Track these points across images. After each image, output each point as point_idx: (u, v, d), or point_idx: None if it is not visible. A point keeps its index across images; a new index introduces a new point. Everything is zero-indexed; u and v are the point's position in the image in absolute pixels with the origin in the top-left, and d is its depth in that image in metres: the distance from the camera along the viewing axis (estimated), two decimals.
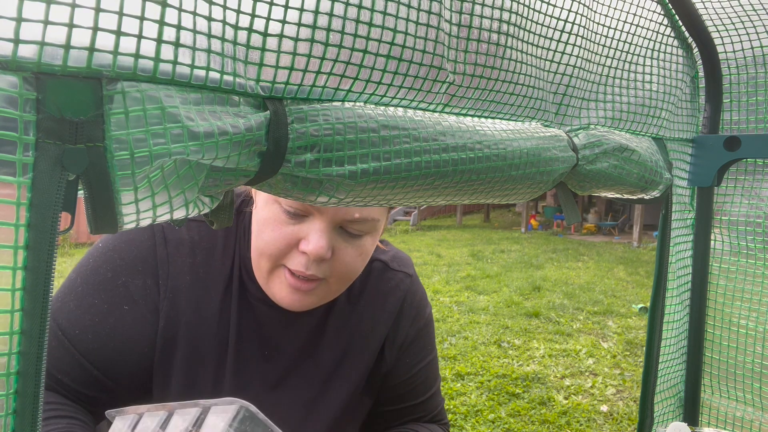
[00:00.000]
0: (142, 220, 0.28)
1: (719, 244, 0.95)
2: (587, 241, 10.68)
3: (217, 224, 0.36)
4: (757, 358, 0.92)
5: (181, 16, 0.27)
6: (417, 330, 0.84)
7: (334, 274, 0.67)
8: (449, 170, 0.40)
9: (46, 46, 0.23)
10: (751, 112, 0.89)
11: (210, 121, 0.28)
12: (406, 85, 0.39)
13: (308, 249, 0.63)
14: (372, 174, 0.36)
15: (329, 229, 0.65)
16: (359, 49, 0.35)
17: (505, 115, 0.49)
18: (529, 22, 0.51)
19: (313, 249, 0.63)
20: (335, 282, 0.69)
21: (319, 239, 0.63)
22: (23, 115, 0.23)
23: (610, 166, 0.59)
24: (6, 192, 0.23)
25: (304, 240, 0.64)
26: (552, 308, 5.21)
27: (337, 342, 0.78)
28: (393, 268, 0.84)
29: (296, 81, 0.33)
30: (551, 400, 3.22)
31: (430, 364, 0.87)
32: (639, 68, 0.68)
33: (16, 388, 0.23)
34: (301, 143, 0.33)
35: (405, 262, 0.87)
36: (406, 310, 0.83)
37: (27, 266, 0.23)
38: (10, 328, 0.23)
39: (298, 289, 0.67)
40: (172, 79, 0.27)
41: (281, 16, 0.31)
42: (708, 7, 0.82)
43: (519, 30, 0.50)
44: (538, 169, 0.49)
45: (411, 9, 0.37)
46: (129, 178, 0.25)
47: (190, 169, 0.28)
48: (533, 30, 0.52)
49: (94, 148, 0.24)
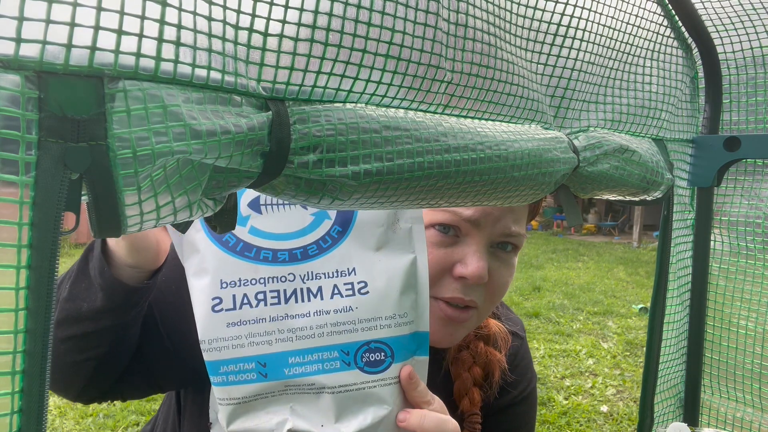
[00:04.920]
0: (146, 222, 0.28)
1: (719, 245, 0.95)
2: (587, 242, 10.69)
3: (220, 228, 0.36)
4: (756, 358, 0.92)
5: (182, 15, 0.27)
6: (515, 398, 0.76)
7: (486, 299, 0.63)
8: (452, 171, 0.40)
9: (48, 45, 0.23)
10: (750, 112, 0.89)
11: (212, 120, 0.28)
12: (405, 84, 0.39)
13: (467, 272, 0.59)
14: (375, 175, 0.36)
15: (486, 248, 0.61)
16: (358, 49, 0.35)
17: (505, 117, 0.49)
18: (529, 20, 0.51)
19: (474, 270, 0.59)
20: (485, 309, 0.64)
21: (479, 260, 0.59)
22: (26, 113, 0.23)
23: (612, 168, 0.59)
24: (9, 191, 0.23)
25: (459, 264, 0.60)
26: (552, 308, 5.21)
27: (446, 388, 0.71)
28: (502, 322, 0.78)
29: (297, 81, 0.33)
30: (551, 401, 3.22)
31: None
32: (639, 69, 0.68)
33: (21, 386, 0.23)
34: (304, 144, 0.33)
35: (516, 322, 0.82)
36: (510, 372, 0.75)
37: (31, 265, 0.23)
38: (14, 327, 0.23)
39: (454, 321, 0.62)
40: (174, 78, 0.27)
41: (281, 16, 0.31)
42: (708, 7, 0.83)
43: (517, 28, 0.50)
44: (540, 170, 0.49)
45: (409, 8, 0.37)
46: (132, 177, 0.25)
47: (192, 169, 0.28)
48: (533, 27, 0.52)
49: (97, 146, 0.24)
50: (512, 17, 0.49)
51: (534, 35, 0.53)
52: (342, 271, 0.52)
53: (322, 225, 0.53)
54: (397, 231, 0.55)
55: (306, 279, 0.51)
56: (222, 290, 0.50)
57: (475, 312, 0.63)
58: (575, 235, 12.05)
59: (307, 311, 0.50)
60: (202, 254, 0.51)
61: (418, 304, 0.55)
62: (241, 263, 0.51)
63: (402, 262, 0.54)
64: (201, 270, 0.51)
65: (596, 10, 0.58)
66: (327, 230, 0.53)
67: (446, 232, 0.61)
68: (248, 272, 0.51)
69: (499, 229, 0.61)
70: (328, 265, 0.52)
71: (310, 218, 0.53)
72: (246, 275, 0.50)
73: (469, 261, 0.60)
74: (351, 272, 0.52)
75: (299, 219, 0.53)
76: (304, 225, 0.53)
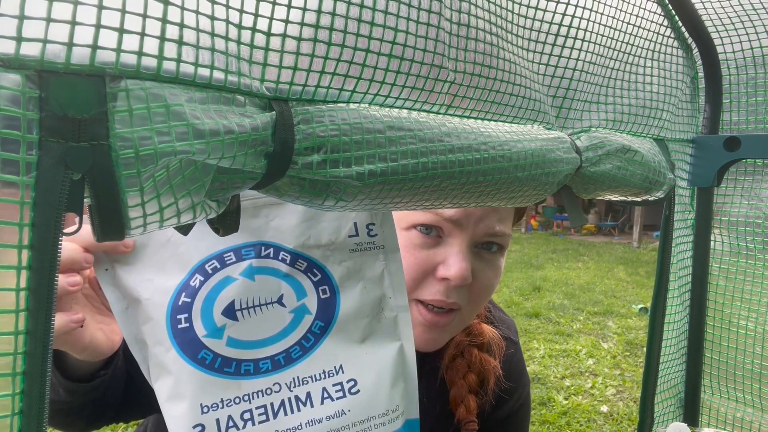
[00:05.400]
0: (149, 224, 0.27)
1: (719, 245, 0.95)
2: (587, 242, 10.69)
3: (223, 231, 0.35)
4: (756, 358, 0.92)
5: (184, 14, 0.27)
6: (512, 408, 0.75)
7: (471, 301, 0.62)
8: (455, 171, 0.40)
9: (49, 44, 0.23)
10: (750, 112, 0.89)
11: (216, 120, 0.28)
12: (408, 84, 0.39)
13: (449, 273, 0.58)
14: (379, 175, 0.35)
15: (469, 249, 0.60)
16: (362, 49, 0.35)
17: (508, 117, 0.49)
18: (530, 20, 0.51)
19: (456, 272, 0.58)
20: (468, 311, 0.63)
21: (461, 260, 0.58)
22: (26, 113, 0.23)
23: (614, 168, 0.59)
24: (9, 191, 0.22)
25: (442, 265, 0.59)
26: (552, 308, 5.21)
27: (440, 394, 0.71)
28: (496, 326, 0.77)
29: (300, 81, 0.33)
30: (551, 401, 3.22)
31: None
32: (639, 69, 0.68)
33: (22, 388, 0.23)
34: (308, 144, 0.33)
35: (510, 326, 0.81)
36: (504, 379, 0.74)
37: (32, 266, 0.23)
38: (15, 328, 0.22)
39: (435, 326, 0.61)
40: (176, 77, 0.27)
41: (284, 16, 0.31)
42: (708, 7, 0.82)
43: (519, 28, 0.50)
44: (543, 170, 0.49)
45: (411, 8, 0.37)
46: (135, 177, 0.25)
47: (196, 170, 0.28)
48: (534, 27, 0.52)
49: (98, 146, 0.24)
50: (514, 17, 0.49)
51: (536, 35, 0.52)
52: (329, 371, 0.49)
53: (303, 321, 0.50)
54: (383, 320, 0.52)
55: (293, 386, 0.48)
56: (203, 416, 0.45)
57: (458, 314, 0.62)
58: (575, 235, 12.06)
59: (298, 423, 0.47)
60: (175, 377, 0.46)
61: (408, 392, 0.53)
62: (221, 381, 0.46)
63: (389, 352, 0.52)
64: (176, 395, 0.45)
65: (597, 10, 0.58)
66: (308, 327, 0.50)
67: (428, 233, 0.60)
68: (231, 390, 0.46)
69: (483, 228, 0.60)
70: (313, 367, 0.49)
71: (289, 315, 0.49)
72: (228, 394, 0.46)
73: (452, 262, 0.58)
74: (339, 371, 0.49)
75: (278, 318, 0.49)
76: (285, 325, 0.49)
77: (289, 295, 0.49)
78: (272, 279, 0.49)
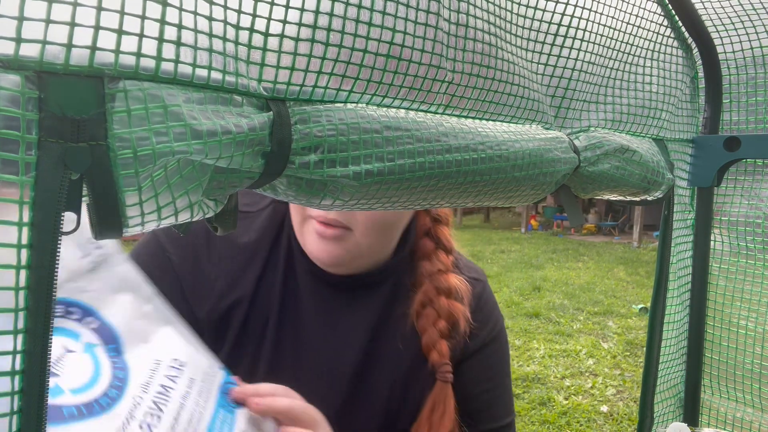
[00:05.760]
0: (147, 223, 0.28)
1: (719, 245, 0.95)
2: (587, 242, 10.69)
3: (221, 229, 0.36)
4: (756, 358, 0.92)
5: (182, 15, 0.27)
6: (484, 340, 0.77)
7: (359, 224, 0.66)
8: (453, 171, 0.40)
9: (48, 44, 0.23)
10: (750, 112, 0.89)
11: (213, 120, 0.28)
12: (406, 84, 0.39)
13: (314, 213, 0.63)
14: (376, 175, 0.36)
15: None
16: (359, 49, 0.35)
17: (506, 117, 0.49)
18: (529, 20, 0.51)
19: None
20: (361, 234, 0.67)
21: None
22: (26, 113, 0.23)
23: (612, 167, 0.59)
24: (9, 191, 0.23)
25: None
26: (552, 308, 5.21)
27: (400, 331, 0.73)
28: (462, 272, 0.79)
29: (298, 81, 0.33)
30: (551, 401, 3.22)
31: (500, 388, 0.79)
32: (639, 69, 0.68)
33: (21, 386, 0.23)
34: (305, 144, 0.33)
35: (475, 269, 0.83)
36: (475, 315, 0.76)
37: (31, 265, 0.23)
38: (14, 327, 0.23)
39: (324, 236, 0.66)
40: (174, 78, 0.27)
41: (282, 16, 0.31)
42: (708, 7, 0.82)
43: (518, 28, 0.50)
44: (541, 170, 0.49)
45: (410, 9, 0.37)
46: (133, 177, 0.25)
47: (193, 169, 0.28)
48: (533, 27, 0.52)
49: (97, 146, 0.24)
50: (513, 17, 0.49)
51: (534, 35, 0.53)
52: (154, 368, 0.50)
53: (97, 353, 0.49)
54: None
55: (143, 401, 0.47)
56: None
57: (349, 234, 0.66)
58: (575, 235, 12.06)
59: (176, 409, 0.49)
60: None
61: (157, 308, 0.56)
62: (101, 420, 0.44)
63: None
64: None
65: (596, 10, 0.58)
66: (107, 354, 0.49)
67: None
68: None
69: None
70: (141, 376, 0.49)
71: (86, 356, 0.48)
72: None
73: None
74: (159, 363, 0.52)
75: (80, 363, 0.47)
76: (91, 366, 0.47)
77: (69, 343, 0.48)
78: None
